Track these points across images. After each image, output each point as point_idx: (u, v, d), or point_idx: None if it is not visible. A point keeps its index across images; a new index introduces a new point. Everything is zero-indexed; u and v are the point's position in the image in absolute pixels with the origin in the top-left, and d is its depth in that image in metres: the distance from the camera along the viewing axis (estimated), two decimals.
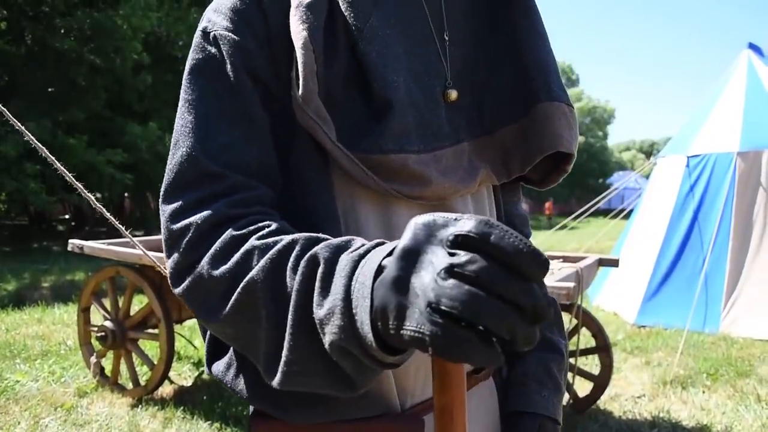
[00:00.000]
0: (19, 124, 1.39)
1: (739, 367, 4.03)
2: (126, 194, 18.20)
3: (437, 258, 0.38)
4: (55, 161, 1.51)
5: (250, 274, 0.54)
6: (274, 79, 0.66)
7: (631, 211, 6.86)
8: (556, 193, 32.88)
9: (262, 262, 0.54)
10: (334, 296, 0.47)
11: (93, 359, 3.43)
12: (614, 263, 3.20)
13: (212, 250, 0.58)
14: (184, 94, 0.67)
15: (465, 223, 0.38)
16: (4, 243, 14.03)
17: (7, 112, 1.37)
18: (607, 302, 6.02)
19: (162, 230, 0.64)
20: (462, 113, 0.72)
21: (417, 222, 0.41)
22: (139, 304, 3.67)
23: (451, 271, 0.37)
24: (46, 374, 3.62)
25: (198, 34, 0.69)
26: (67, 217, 19.18)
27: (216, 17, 0.67)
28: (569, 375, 3.16)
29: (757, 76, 5.76)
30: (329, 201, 0.66)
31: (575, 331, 3.11)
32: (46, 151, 1.46)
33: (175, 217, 0.61)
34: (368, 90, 0.65)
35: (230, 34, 0.65)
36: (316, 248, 0.52)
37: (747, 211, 5.28)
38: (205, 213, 0.60)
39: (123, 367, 3.42)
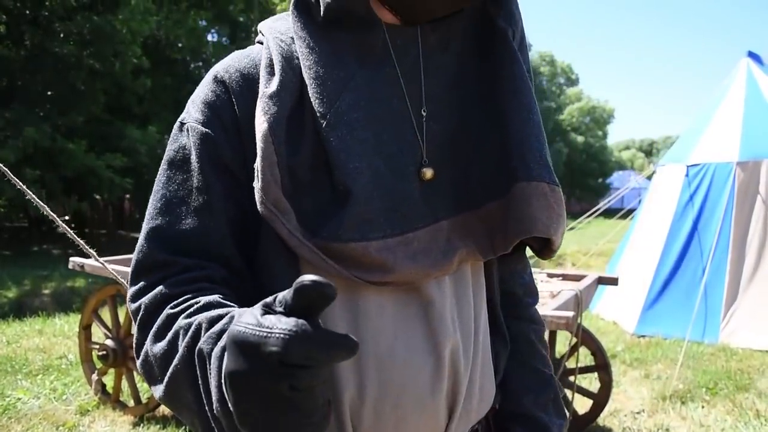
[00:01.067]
0: (10, 173, 1.37)
1: (739, 381, 4.04)
2: (127, 195, 18.22)
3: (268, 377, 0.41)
4: (45, 207, 1.50)
5: (173, 362, 0.59)
6: (242, 167, 0.67)
7: (630, 211, 6.86)
8: None
9: (181, 348, 0.58)
10: (215, 396, 0.51)
11: (94, 377, 3.44)
12: (613, 282, 3.21)
13: (153, 329, 0.63)
14: (155, 184, 0.70)
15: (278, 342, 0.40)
16: (4, 246, 14.04)
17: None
18: (606, 311, 6.03)
19: None
20: (441, 190, 0.70)
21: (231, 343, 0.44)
22: None
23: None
24: (48, 391, 3.63)
25: (176, 125, 0.72)
26: (66, 218, 19.16)
27: (191, 108, 0.70)
28: (569, 392, 3.18)
29: (756, 85, 5.77)
30: None
31: (574, 349, 3.11)
32: (37, 199, 1.44)
33: (133, 298, 0.67)
34: (332, 174, 0.65)
35: (200, 126, 0.68)
36: (203, 338, 0.55)
37: (746, 221, 5.29)
38: (152, 294, 0.65)
39: (124, 383, 3.43)
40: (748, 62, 6.04)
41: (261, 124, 0.64)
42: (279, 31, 0.73)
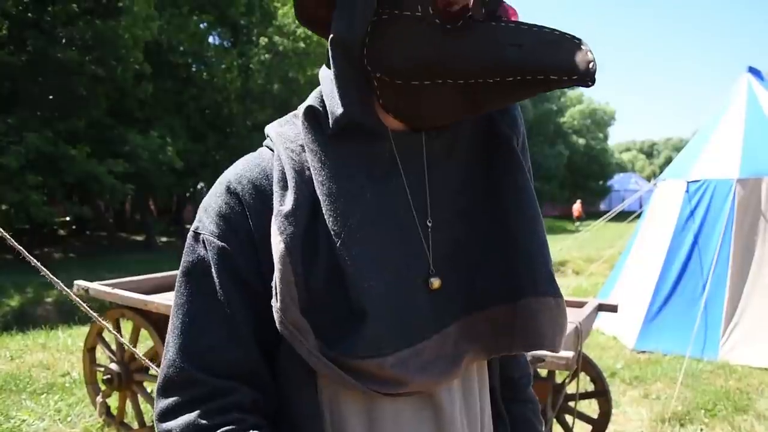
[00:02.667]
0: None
1: (737, 402, 4.07)
2: (128, 197, 18.28)
3: None
4: (23, 250, 1.52)
5: None
6: (259, 279, 0.69)
7: (630, 213, 6.88)
8: (556, 195, 32.88)
9: None
10: None
11: (99, 398, 3.47)
12: (613, 309, 3.23)
13: None
14: (175, 297, 0.72)
15: None
16: (6, 250, 14.07)
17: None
18: (606, 326, 6.06)
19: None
20: (448, 296, 0.72)
21: None
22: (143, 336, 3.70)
23: None
24: (53, 412, 3.66)
25: (190, 234, 0.73)
26: (68, 219, 19.20)
27: (205, 219, 0.72)
28: (569, 418, 3.21)
29: (757, 102, 5.79)
30: (312, 397, 0.70)
31: (575, 375, 3.14)
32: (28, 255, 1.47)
33: (161, 417, 0.68)
34: (348, 291, 0.67)
35: (216, 240, 0.69)
36: None
37: (746, 238, 5.32)
38: (183, 420, 0.66)
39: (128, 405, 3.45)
40: (749, 78, 6.06)
41: (278, 244, 0.66)
42: (288, 139, 0.75)
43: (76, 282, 3.54)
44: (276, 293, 0.66)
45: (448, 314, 0.72)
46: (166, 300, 3.17)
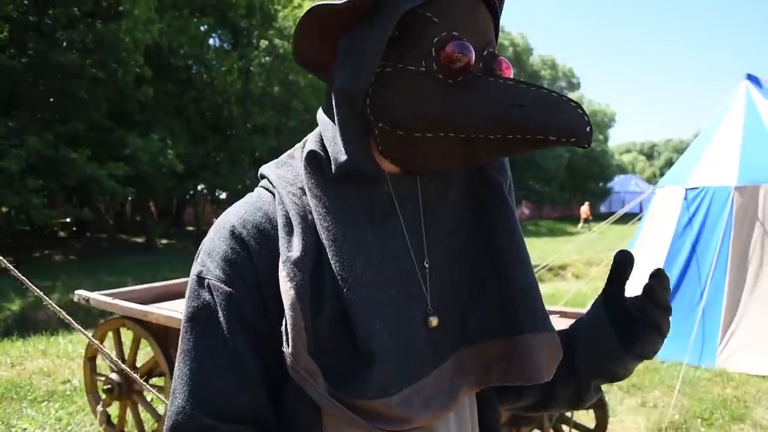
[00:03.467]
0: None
1: (734, 411, 4.09)
2: (129, 198, 18.31)
3: None
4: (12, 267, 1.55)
5: None
6: (266, 323, 0.71)
7: (632, 215, 6.89)
8: (556, 197, 32.90)
9: None
10: None
11: (99, 408, 3.49)
12: None
13: None
14: (181, 343, 0.72)
15: None
16: (6, 252, 14.05)
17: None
18: None
19: None
20: (444, 332, 0.75)
21: None
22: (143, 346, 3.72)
23: None
24: (53, 421, 3.68)
25: (193, 278, 0.74)
26: (68, 220, 19.23)
27: (210, 263, 0.72)
28: (565, 428, 3.23)
29: (755, 109, 5.81)
30: None
31: None
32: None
33: None
34: (353, 333, 0.69)
35: (222, 285, 0.71)
36: None
37: (744, 246, 5.34)
38: None
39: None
40: (747, 85, 6.08)
41: (288, 291, 0.67)
42: (288, 182, 0.77)
43: (76, 292, 3.57)
44: (287, 339, 0.67)
45: (445, 350, 0.75)
46: (166, 311, 3.20)
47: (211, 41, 17.73)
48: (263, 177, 0.82)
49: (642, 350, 0.81)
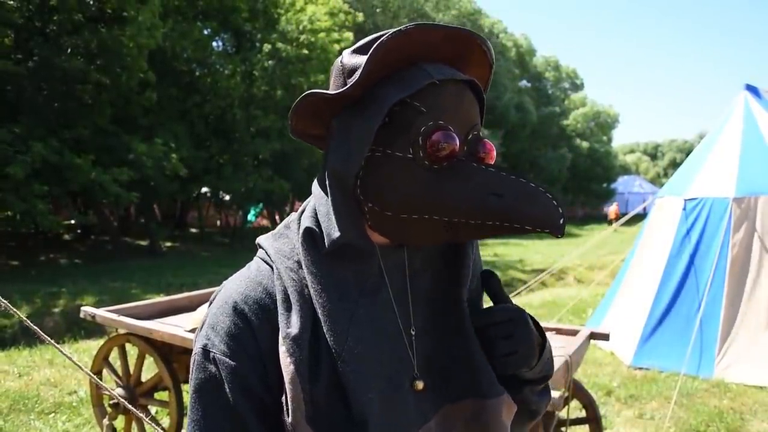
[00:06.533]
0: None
1: (730, 423, 4.14)
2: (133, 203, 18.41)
3: None
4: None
5: None
6: (269, 394, 0.78)
7: (634, 217, 6.91)
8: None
9: None
10: None
11: (105, 421, 3.57)
12: (605, 337, 3.31)
13: None
14: (191, 412, 0.79)
15: None
16: (12, 256, 14.22)
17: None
18: (604, 341, 6.12)
19: None
20: (428, 393, 0.82)
21: None
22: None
23: None
24: None
25: (199, 350, 0.80)
26: (72, 222, 19.33)
27: (214, 338, 0.79)
28: None
29: (754, 120, 5.85)
30: None
31: (566, 402, 3.22)
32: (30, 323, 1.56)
33: None
34: (348, 402, 0.75)
35: (227, 359, 0.77)
36: None
37: (742, 257, 5.38)
38: None
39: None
40: (746, 95, 6.11)
41: (288, 366, 0.74)
42: (285, 256, 0.83)
43: (83, 308, 3.64)
44: (287, 410, 0.74)
45: (430, 409, 0.82)
46: (170, 326, 3.27)
47: (214, 45, 17.82)
48: (260, 247, 0.88)
49: (502, 370, 0.86)
